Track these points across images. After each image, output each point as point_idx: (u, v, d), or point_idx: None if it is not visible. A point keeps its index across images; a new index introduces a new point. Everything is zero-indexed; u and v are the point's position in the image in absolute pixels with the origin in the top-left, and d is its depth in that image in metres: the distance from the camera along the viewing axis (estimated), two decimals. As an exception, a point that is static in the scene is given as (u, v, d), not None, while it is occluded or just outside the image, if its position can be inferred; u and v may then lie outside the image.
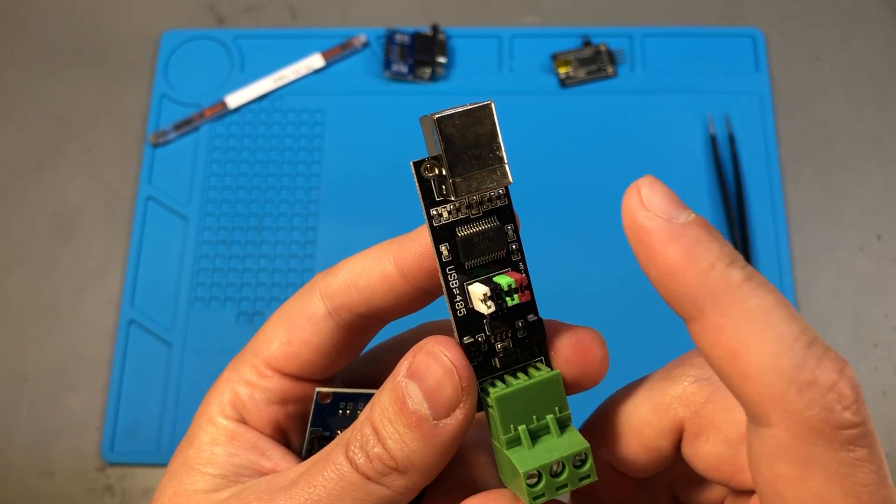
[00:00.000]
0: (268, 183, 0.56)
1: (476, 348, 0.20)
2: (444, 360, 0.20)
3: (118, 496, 0.50)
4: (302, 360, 0.23)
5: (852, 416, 0.16)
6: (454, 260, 0.20)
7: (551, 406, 0.20)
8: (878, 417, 0.50)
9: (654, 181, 0.19)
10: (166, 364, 0.52)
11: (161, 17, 0.62)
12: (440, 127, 0.19)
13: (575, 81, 0.58)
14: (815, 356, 0.16)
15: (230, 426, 0.23)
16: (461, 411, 0.19)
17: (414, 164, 0.20)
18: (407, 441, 0.19)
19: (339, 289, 0.23)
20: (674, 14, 0.61)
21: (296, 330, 0.23)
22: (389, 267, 0.22)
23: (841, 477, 0.16)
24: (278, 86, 0.59)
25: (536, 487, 0.19)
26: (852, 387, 0.16)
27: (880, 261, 0.54)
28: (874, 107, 0.58)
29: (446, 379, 0.19)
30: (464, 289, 0.20)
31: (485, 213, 0.20)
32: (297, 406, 0.24)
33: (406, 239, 0.22)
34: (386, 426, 0.20)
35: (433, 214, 0.20)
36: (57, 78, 0.60)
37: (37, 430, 0.51)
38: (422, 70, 0.58)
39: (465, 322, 0.20)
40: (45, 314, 0.54)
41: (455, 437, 0.20)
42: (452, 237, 0.20)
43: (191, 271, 0.54)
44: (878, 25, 0.60)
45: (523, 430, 0.20)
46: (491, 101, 0.20)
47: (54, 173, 0.58)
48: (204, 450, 0.23)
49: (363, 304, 0.23)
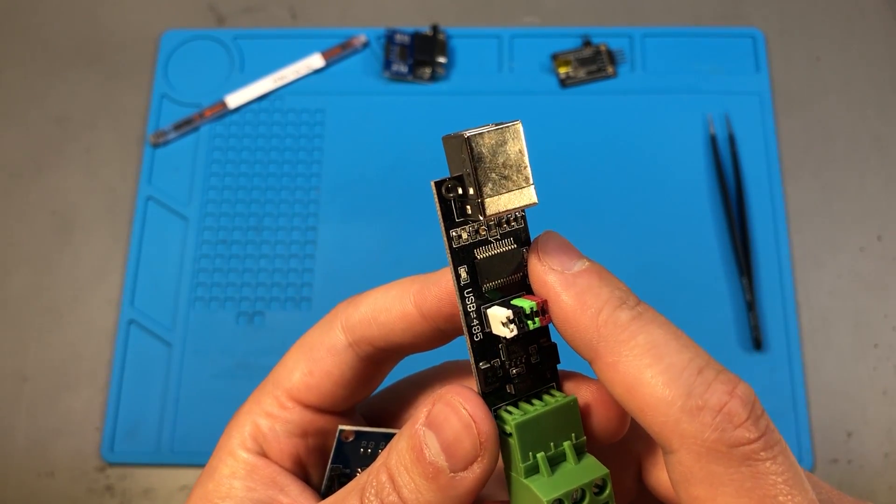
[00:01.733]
0: (268, 183, 0.56)
1: (493, 374, 0.20)
2: (463, 414, 0.19)
3: (118, 496, 0.49)
4: (323, 390, 0.24)
5: (745, 432, 0.17)
6: (472, 283, 0.20)
7: (568, 432, 0.20)
8: (878, 417, 0.50)
9: (551, 235, 0.20)
10: (166, 364, 0.52)
11: (161, 17, 0.62)
12: (471, 145, 0.19)
13: (575, 81, 0.58)
14: (705, 381, 0.17)
15: (250, 459, 0.23)
16: (479, 465, 0.19)
17: (435, 184, 0.19)
18: (423, 491, 0.19)
19: (360, 322, 0.23)
20: (674, 14, 0.61)
21: (317, 361, 0.23)
22: (409, 306, 0.22)
23: (747, 491, 0.17)
24: (278, 86, 0.59)
25: None
26: (745, 404, 0.17)
27: (880, 261, 0.54)
28: (874, 107, 0.58)
29: (465, 433, 0.19)
30: (481, 313, 0.20)
31: (502, 234, 0.20)
32: (317, 439, 0.24)
33: (427, 280, 0.22)
34: (402, 474, 0.20)
35: (453, 236, 0.20)
36: (57, 78, 0.60)
37: (37, 430, 0.51)
38: (422, 70, 0.58)
39: (482, 347, 0.20)
40: (45, 314, 0.54)
41: (472, 491, 0.19)
42: (471, 259, 0.20)
43: (191, 271, 0.54)
44: (878, 25, 0.60)
45: (542, 458, 0.19)
46: (519, 120, 0.19)
47: (54, 173, 0.58)
48: (224, 483, 0.23)
49: (382, 339, 0.23)
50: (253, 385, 0.53)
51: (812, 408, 0.50)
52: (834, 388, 0.51)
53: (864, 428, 0.50)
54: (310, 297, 0.53)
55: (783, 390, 0.50)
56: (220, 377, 0.51)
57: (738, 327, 0.52)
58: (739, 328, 0.52)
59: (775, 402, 0.50)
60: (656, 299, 0.54)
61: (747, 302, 0.52)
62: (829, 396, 0.50)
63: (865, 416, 0.50)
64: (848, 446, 0.49)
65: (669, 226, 0.54)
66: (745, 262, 0.53)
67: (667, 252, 0.54)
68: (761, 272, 0.53)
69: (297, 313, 0.53)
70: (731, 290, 0.53)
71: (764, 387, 0.50)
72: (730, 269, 0.53)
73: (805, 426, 0.50)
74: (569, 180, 0.56)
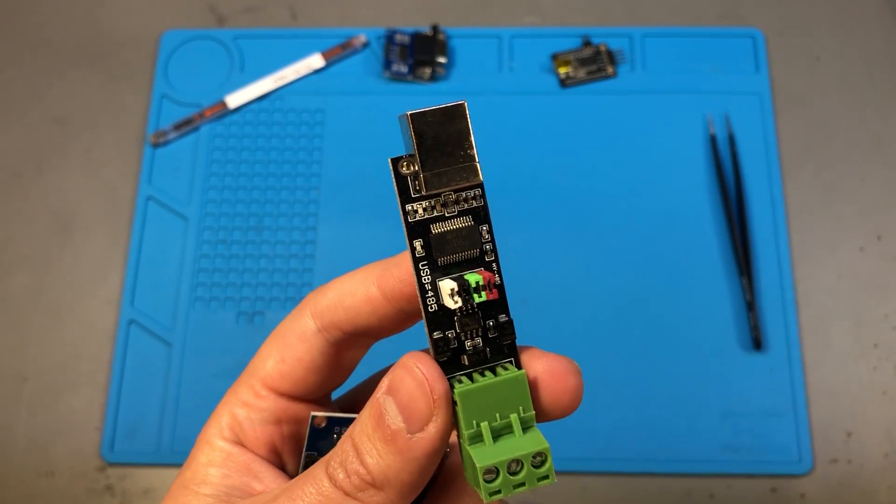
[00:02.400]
0: (268, 183, 0.56)
1: (445, 344, 0.21)
2: (417, 373, 0.20)
3: (118, 496, 0.50)
4: (295, 377, 0.24)
5: None
6: (427, 256, 0.20)
7: (515, 406, 0.20)
8: (878, 417, 0.50)
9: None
10: (166, 364, 0.52)
11: (161, 18, 0.62)
12: (413, 123, 0.20)
13: (575, 81, 0.58)
14: None
15: (226, 447, 0.24)
16: (434, 425, 0.20)
17: (392, 161, 0.20)
18: (383, 456, 0.20)
19: (328, 307, 0.24)
20: (674, 14, 0.61)
21: (288, 347, 0.24)
22: (373, 289, 0.23)
23: None
24: (278, 86, 0.59)
25: (493, 483, 0.19)
26: None
27: (880, 261, 0.54)
28: (874, 107, 0.58)
29: (418, 391, 0.20)
30: (436, 285, 0.21)
31: (460, 212, 0.21)
32: (292, 427, 0.25)
33: (389, 263, 0.23)
34: (364, 442, 0.20)
35: (408, 210, 0.20)
36: (57, 78, 0.60)
37: (37, 430, 0.51)
38: (422, 70, 0.58)
39: (436, 318, 0.21)
40: (45, 314, 0.54)
41: (429, 453, 0.20)
42: (426, 234, 0.20)
43: (191, 271, 0.54)
44: (878, 25, 0.60)
45: (485, 427, 0.20)
46: (464, 101, 0.20)
47: (54, 173, 0.58)
48: (200, 471, 0.24)
49: (349, 323, 0.24)
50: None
51: (812, 408, 0.50)
52: (834, 387, 0.51)
53: (863, 428, 0.50)
54: (310, 297, 0.53)
55: (783, 390, 0.50)
56: (220, 377, 0.51)
57: (738, 327, 0.52)
58: (739, 328, 0.52)
59: (775, 402, 0.50)
60: (656, 299, 0.54)
61: (747, 302, 0.52)
62: (828, 396, 0.51)
63: (865, 416, 0.50)
64: (848, 446, 0.50)
65: (669, 226, 0.54)
66: (745, 262, 0.53)
67: (667, 252, 0.54)
68: (761, 272, 0.53)
69: (298, 313, 0.53)
70: (730, 289, 0.53)
71: (763, 387, 0.50)
72: (729, 268, 0.53)
73: (805, 426, 0.50)
74: (568, 180, 0.56)
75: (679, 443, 0.49)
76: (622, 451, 0.49)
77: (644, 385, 0.50)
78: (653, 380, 0.51)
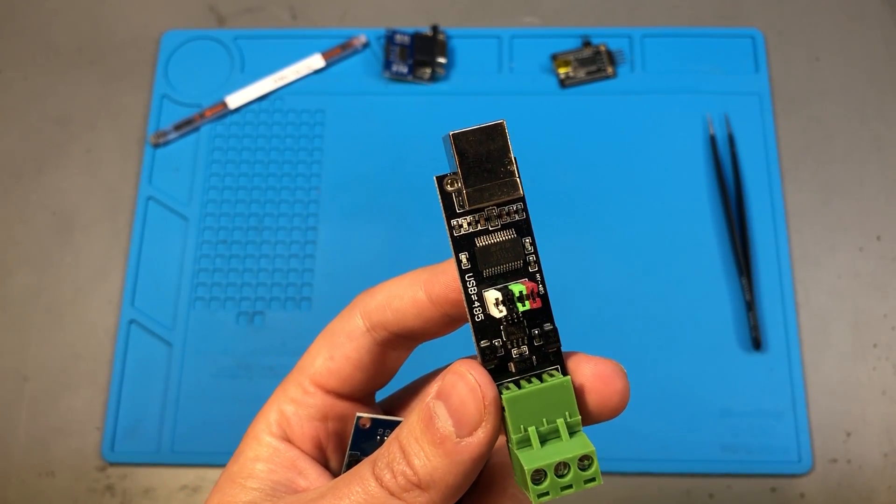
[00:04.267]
0: (268, 183, 0.56)
1: (492, 352, 0.21)
2: (469, 379, 0.21)
3: (118, 496, 0.50)
4: (343, 374, 0.25)
5: None
6: (473, 268, 0.21)
7: (561, 411, 0.21)
8: (878, 417, 0.50)
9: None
10: (166, 364, 0.52)
11: (161, 18, 0.62)
12: (455, 142, 0.21)
13: (575, 82, 0.58)
14: None
15: (273, 443, 0.25)
16: (483, 431, 0.20)
17: (437, 178, 0.21)
18: (430, 458, 0.20)
19: (377, 308, 0.25)
20: (673, 14, 0.61)
21: (337, 346, 0.25)
22: (420, 294, 0.24)
23: None
24: (278, 86, 0.59)
25: (541, 486, 0.20)
26: None
27: (880, 261, 0.54)
28: (874, 107, 0.58)
29: (470, 396, 0.21)
30: (481, 295, 0.22)
31: (503, 225, 0.22)
32: (337, 424, 0.26)
33: (436, 269, 0.24)
34: (412, 444, 0.21)
35: (454, 225, 0.21)
36: (57, 78, 0.60)
37: (37, 429, 0.51)
38: (422, 70, 0.58)
39: (483, 327, 0.21)
40: (45, 314, 0.54)
41: (476, 457, 0.20)
42: (472, 247, 0.21)
43: (191, 271, 0.54)
44: (878, 25, 0.60)
45: (532, 432, 0.21)
46: (503, 119, 0.21)
47: (54, 173, 0.58)
48: (247, 465, 0.25)
49: (396, 324, 0.25)
50: (254, 385, 0.54)
51: (811, 407, 0.50)
52: (833, 387, 0.51)
53: (863, 428, 0.50)
54: (310, 297, 0.53)
55: (782, 390, 0.50)
56: (220, 377, 0.51)
57: (738, 327, 0.52)
58: (739, 328, 0.52)
59: (774, 401, 0.50)
60: (656, 299, 0.54)
61: (747, 302, 0.52)
62: (828, 396, 0.51)
63: (865, 415, 0.50)
64: (847, 446, 0.50)
65: (669, 226, 0.54)
66: (745, 262, 0.53)
67: (666, 252, 0.54)
68: (761, 272, 0.53)
69: (298, 313, 0.53)
70: (730, 289, 0.53)
71: (763, 387, 0.50)
72: (729, 268, 0.53)
73: (804, 426, 0.50)
74: (568, 181, 0.56)
75: (678, 443, 0.49)
76: (622, 450, 0.49)
77: (644, 385, 0.50)
78: (652, 379, 0.51)
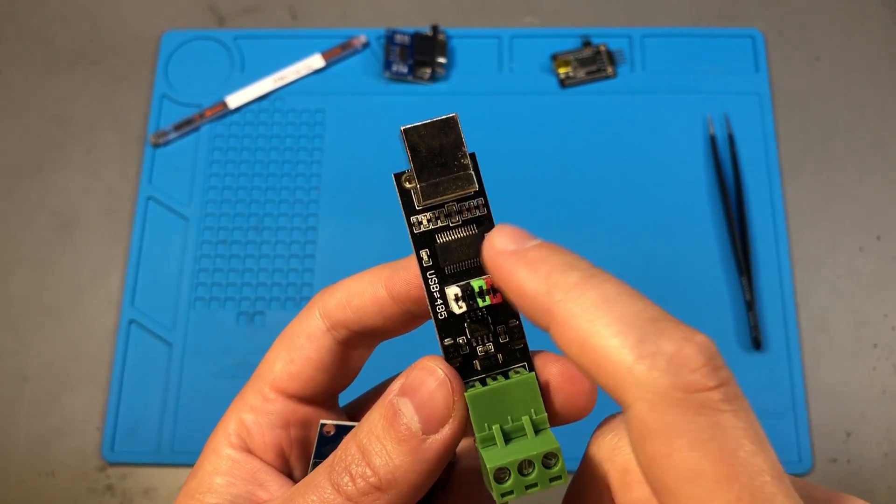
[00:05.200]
0: (268, 183, 0.56)
1: (455, 350, 0.21)
2: (439, 373, 0.20)
3: (118, 496, 0.50)
4: (304, 377, 0.24)
5: (702, 378, 0.16)
6: (434, 265, 0.21)
7: (527, 408, 0.21)
8: (878, 417, 0.50)
9: (504, 224, 0.20)
10: (166, 364, 0.52)
11: (161, 18, 0.62)
12: (406, 137, 0.21)
13: (575, 82, 0.58)
14: (658, 329, 0.16)
15: (232, 455, 0.24)
16: (450, 427, 0.20)
17: (395, 176, 0.21)
18: (393, 456, 0.20)
19: (336, 306, 0.24)
20: (673, 14, 0.61)
21: (296, 349, 0.24)
22: (381, 290, 0.23)
23: (704, 443, 0.15)
24: (278, 86, 0.59)
25: (504, 484, 0.19)
26: (702, 350, 0.16)
27: (880, 261, 0.54)
28: (874, 107, 0.58)
29: (439, 392, 0.20)
30: (444, 292, 0.21)
31: (464, 221, 0.21)
32: (300, 430, 0.25)
33: (397, 266, 0.23)
34: (373, 443, 0.20)
35: (413, 222, 0.21)
36: (57, 78, 0.60)
37: (37, 429, 0.51)
38: (422, 70, 0.58)
39: (446, 325, 0.21)
40: (45, 314, 0.54)
41: (441, 455, 0.20)
42: (432, 244, 0.21)
43: (191, 271, 0.54)
44: (878, 25, 0.60)
45: (497, 430, 0.20)
46: (455, 113, 0.21)
47: (54, 173, 0.58)
48: (205, 479, 0.24)
49: (357, 322, 0.24)
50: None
51: (811, 407, 0.50)
52: (833, 387, 0.51)
53: (863, 428, 0.50)
54: (310, 297, 0.53)
55: (782, 390, 0.50)
56: (220, 377, 0.51)
57: (738, 327, 0.52)
58: (739, 328, 0.52)
59: (774, 401, 0.50)
60: (656, 299, 0.54)
61: (747, 302, 0.52)
62: (828, 396, 0.51)
63: (865, 415, 0.50)
64: (847, 446, 0.50)
65: (669, 226, 0.54)
66: (745, 262, 0.53)
67: (666, 252, 0.54)
68: (761, 272, 0.53)
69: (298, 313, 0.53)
70: (730, 289, 0.53)
71: (763, 386, 0.50)
72: (729, 268, 0.53)
73: (804, 426, 0.50)
74: (568, 181, 0.56)
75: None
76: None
77: (644, 385, 0.50)
78: (652, 380, 0.51)
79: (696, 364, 0.16)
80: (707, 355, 0.16)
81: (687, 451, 0.15)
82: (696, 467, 0.15)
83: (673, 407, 0.16)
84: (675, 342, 0.16)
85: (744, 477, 0.15)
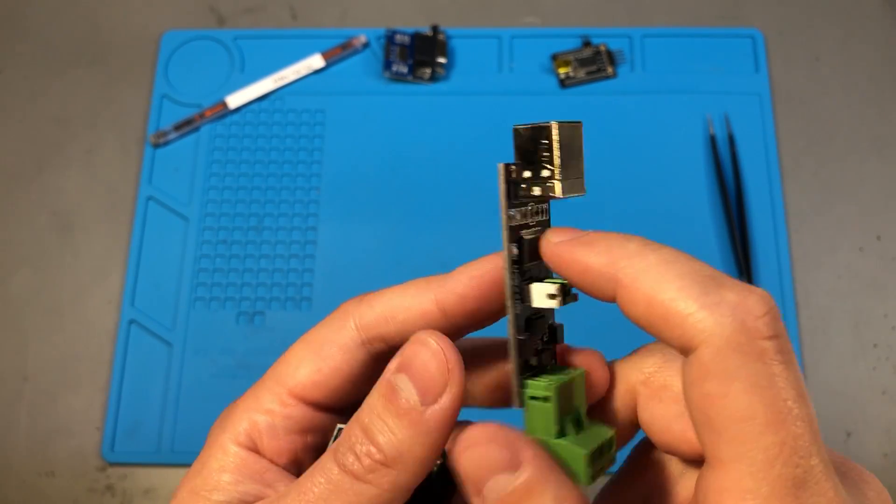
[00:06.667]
0: (268, 183, 0.56)
1: (526, 345, 0.22)
2: (432, 344, 0.20)
3: (118, 496, 0.50)
4: (330, 387, 0.24)
5: (764, 326, 0.17)
6: (520, 260, 0.22)
7: (580, 399, 0.22)
8: (878, 417, 0.50)
9: (555, 228, 0.22)
10: (166, 364, 0.52)
11: (161, 18, 0.62)
12: (559, 132, 0.21)
13: (575, 82, 0.58)
14: (718, 284, 0.18)
15: (241, 454, 0.24)
16: (448, 397, 0.20)
17: (504, 166, 0.21)
18: (395, 432, 0.20)
19: (376, 320, 0.23)
20: (673, 14, 0.61)
21: (326, 358, 0.24)
22: (430, 305, 0.23)
23: (760, 388, 0.17)
24: (278, 86, 0.59)
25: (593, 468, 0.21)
26: (764, 301, 0.18)
27: (880, 261, 0.54)
28: (874, 107, 0.58)
29: (433, 361, 0.20)
30: (522, 288, 0.22)
31: (537, 223, 0.22)
32: (317, 437, 0.24)
33: (446, 280, 0.23)
34: (375, 422, 0.20)
35: (511, 215, 0.21)
36: (57, 78, 0.60)
37: (37, 429, 0.51)
38: (422, 70, 0.58)
39: (524, 322, 0.22)
40: (45, 314, 0.54)
41: (442, 425, 0.20)
42: (520, 238, 0.22)
43: (191, 271, 0.54)
44: (878, 25, 0.60)
45: (570, 420, 0.21)
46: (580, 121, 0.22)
47: (54, 173, 0.58)
48: (212, 476, 0.23)
49: (398, 337, 0.23)
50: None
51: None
52: (833, 387, 0.51)
53: (863, 428, 0.50)
54: (310, 297, 0.53)
55: (783, 390, 0.50)
56: (220, 377, 0.51)
57: (738, 327, 0.52)
58: (739, 328, 0.52)
59: (775, 401, 0.50)
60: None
61: (747, 302, 0.52)
62: (828, 396, 0.51)
63: (865, 416, 0.50)
64: (847, 446, 0.50)
65: (669, 226, 0.54)
66: (745, 262, 0.53)
67: (666, 252, 0.54)
68: (761, 272, 0.53)
69: (298, 313, 0.53)
70: (730, 290, 0.53)
71: (763, 387, 0.50)
72: (729, 268, 0.53)
73: (804, 426, 0.50)
74: (569, 180, 0.56)
75: (679, 443, 0.49)
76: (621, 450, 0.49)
77: (644, 385, 0.50)
78: (652, 380, 0.51)
79: (760, 312, 0.18)
80: (769, 306, 0.18)
81: (742, 394, 0.17)
82: (748, 409, 0.17)
83: (735, 352, 0.17)
84: (737, 293, 0.18)
85: (790, 425, 0.17)
